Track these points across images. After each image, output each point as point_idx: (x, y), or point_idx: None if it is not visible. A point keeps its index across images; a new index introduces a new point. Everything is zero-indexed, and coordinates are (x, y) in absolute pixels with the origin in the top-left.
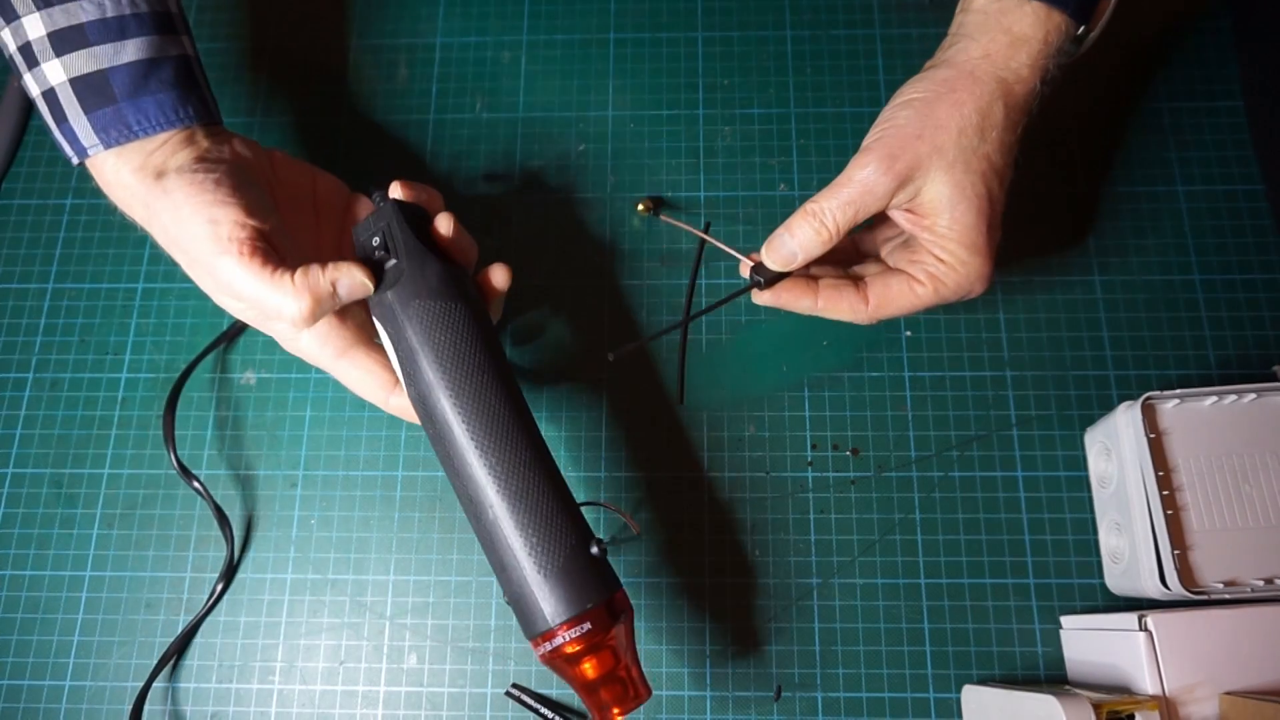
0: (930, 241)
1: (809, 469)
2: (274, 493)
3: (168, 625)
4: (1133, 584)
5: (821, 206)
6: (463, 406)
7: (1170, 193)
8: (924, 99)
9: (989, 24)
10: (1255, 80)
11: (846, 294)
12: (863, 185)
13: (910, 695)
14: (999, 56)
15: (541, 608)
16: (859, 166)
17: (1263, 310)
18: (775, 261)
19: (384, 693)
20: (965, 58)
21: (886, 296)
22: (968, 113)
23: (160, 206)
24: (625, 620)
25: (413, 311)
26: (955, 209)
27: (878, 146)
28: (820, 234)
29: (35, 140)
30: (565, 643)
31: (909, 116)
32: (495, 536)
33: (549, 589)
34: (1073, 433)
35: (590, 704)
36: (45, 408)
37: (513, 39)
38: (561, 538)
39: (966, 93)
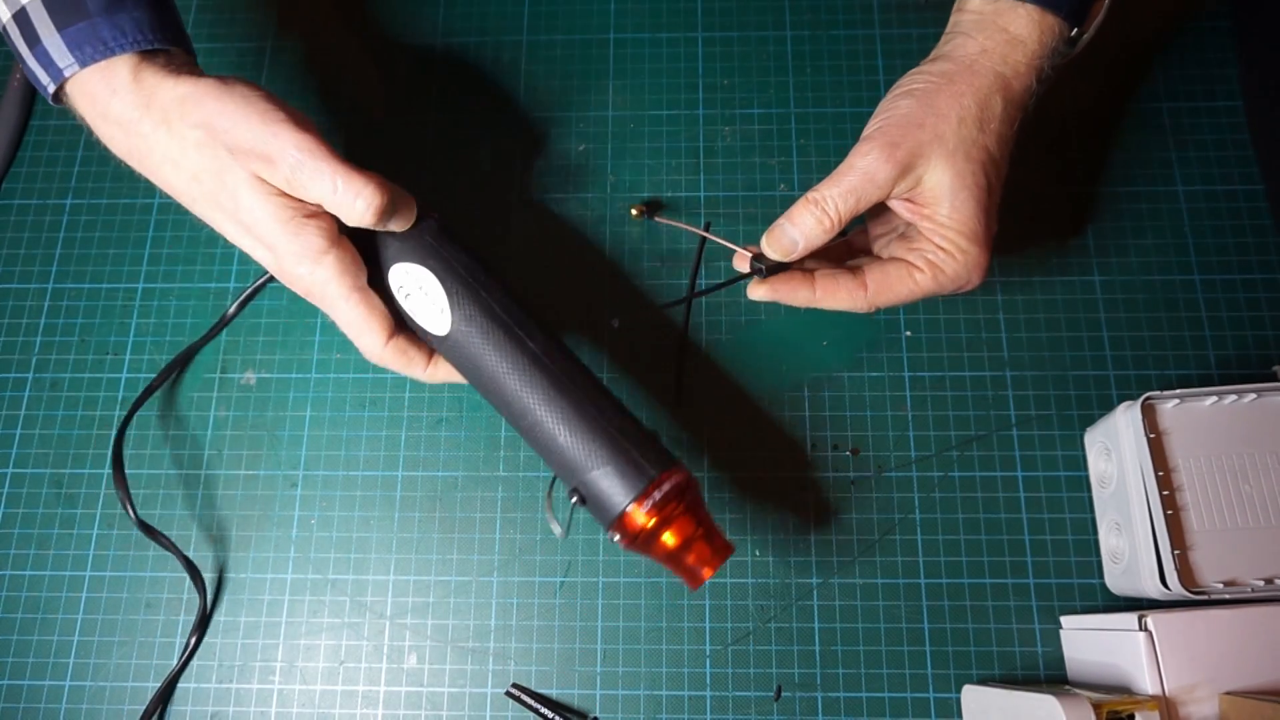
0: (930, 230)
1: (809, 469)
2: (274, 493)
3: (168, 625)
4: (1133, 584)
5: (823, 195)
6: (513, 318)
7: (1170, 193)
8: (924, 89)
9: (985, 24)
10: (1255, 80)
11: (844, 282)
12: (864, 173)
13: (910, 695)
14: (996, 53)
15: (610, 494)
16: (860, 154)
17: (1263, 310)
18: (776, 250)
19: (384, 693)
20: (964, 52)
21: (885, 283)
22: (967, 103)
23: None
24: (694, 487)
25: (448, 247)
26: (956, 197)
27: (879, 135)
28: (822, 222)
29: (35, 140)
30: (643, 519)
31: (910, 105)
32: (555, 435)
33: (617, 474)
34: (1073, 433)
35: (679, 571)
36: (45, 408)
37: (513, 39)
38: (616, 425)
39: (966, 84)
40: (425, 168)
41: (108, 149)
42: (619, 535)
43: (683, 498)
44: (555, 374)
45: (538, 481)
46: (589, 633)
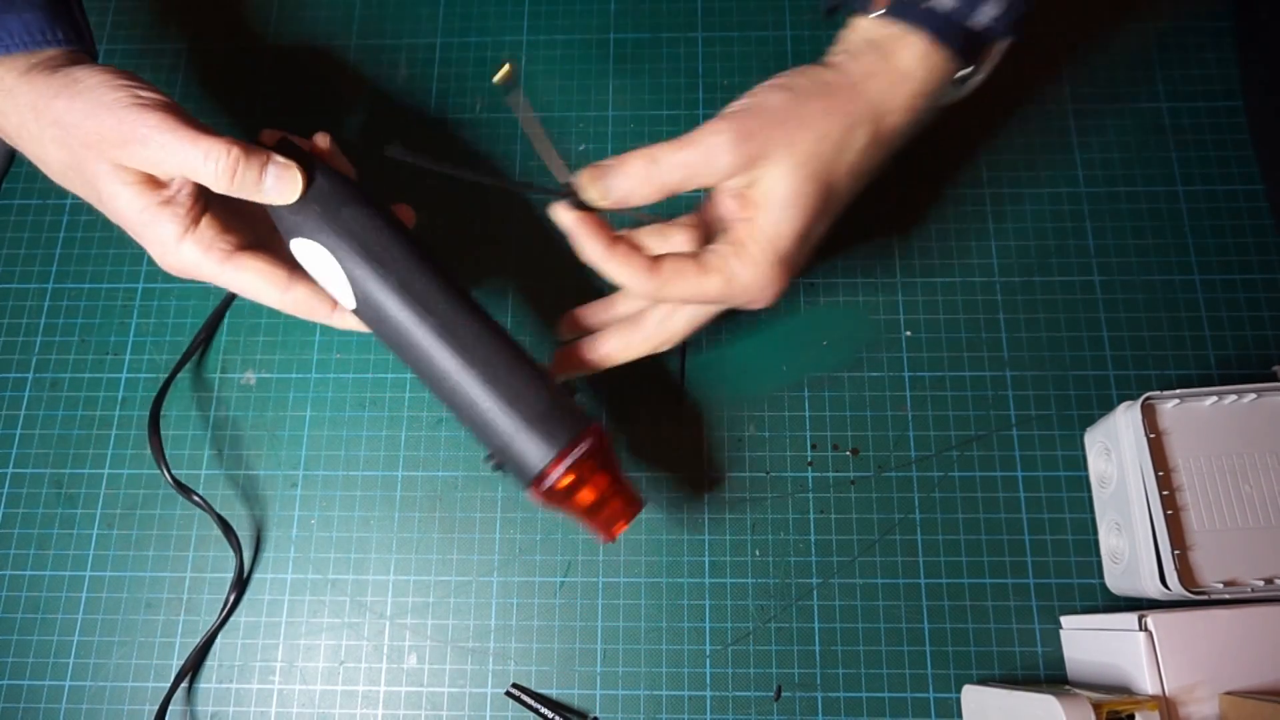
0: (744, 233)
1: (809, 469)
2: (274, 493)
3: (168, 625)
4: (1133, 584)
5: (660, 157)
6: (414, 294)
7: (1170, 193)
8: (799, 89)
9: (874, 52)
10: (1255, 80)
11: (636, 261)
12: (706, 153)
13: (910, 695)
14: (881, 81)
15: (530, 453)
16: (710, 132)
17: (1263, 310)
18: (593, 190)
19: (384, 693)
20: (850, 70)
21: (677, 275)
22: (835, 123)
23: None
24: (608, 445)
25: (346, 217)
26: (783, 212)
27: (735, 119)
28: (648, 183)
29: None
30: (560, 477)
31: (779, 101)
32: (470, 403)
33: (531, 434)
34: (1073, 433)
35: (594, 525)
36: (45, 408)
37: (513, 39)
38: (529, 387)
39: (841, 104)
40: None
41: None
42: (536, 494)
43: (597, 457)
44: (465, 343)
45: None
46: (589, 633)
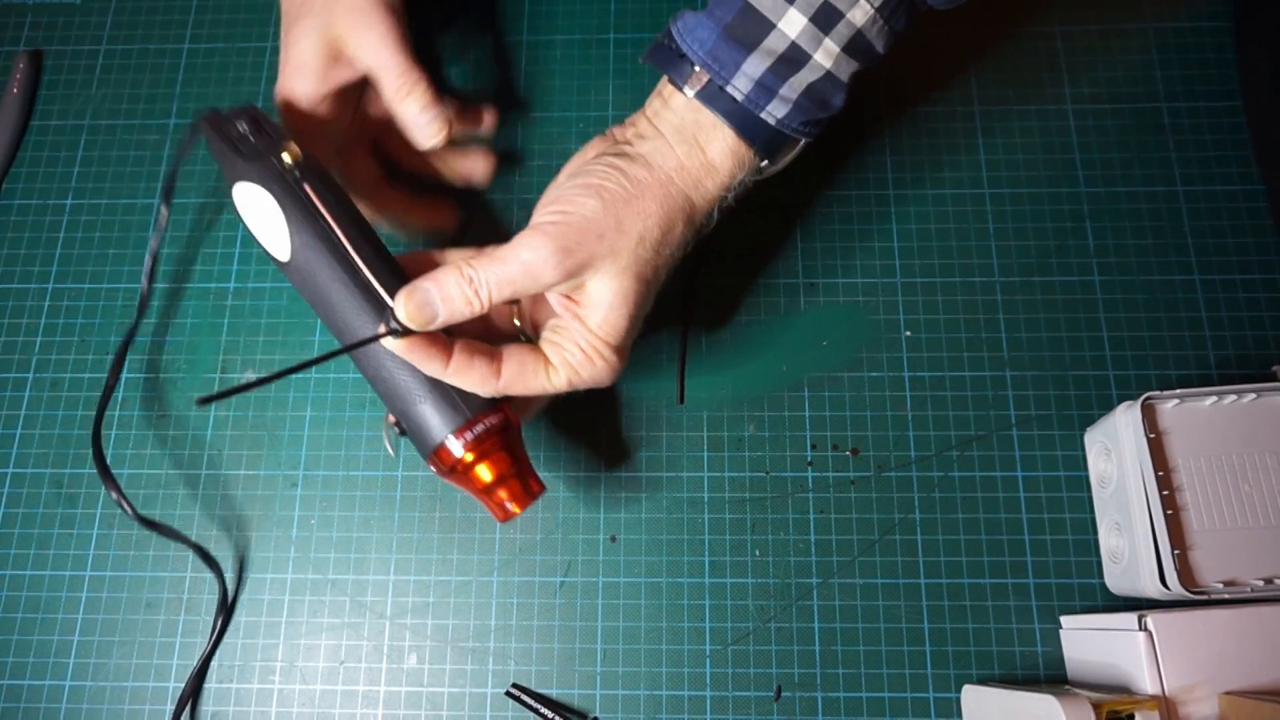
0: (578, 331)
1: (809, 469)
2: (274, 493)
3: (168, 625)
4: (1133, 584)
5: (479, 275)
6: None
7: (1170, 193)
8: (614, 194)
9: (685, 134)
10: (1255, 80)
11: (479, 364)
12: (528, 269)
13: (910, 695)
14: (692, 174)
15: (430, 426)
16: (530, 248)
17: (1263, 310)
18: (413, 316)
19: (384, 693)
20: (661, 163)
21: (521, 375)
22: (651, 225)
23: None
24: (512, 424)
25: (298, 174)
26: (613, 311)
27: (555, 234)
28: (470, 305)
29: (35, 140)
30: (460, 450)
31: (595, 210)
32: (382, 371)
33: (437, 405)
34: (1073, 433)
35: (490, 504)
36: (45, 408)
37: (513, 39)
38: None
39: (656, 203)
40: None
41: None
42: (435, 465)
43: (500, 436)
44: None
45: None
46: (589, 633)
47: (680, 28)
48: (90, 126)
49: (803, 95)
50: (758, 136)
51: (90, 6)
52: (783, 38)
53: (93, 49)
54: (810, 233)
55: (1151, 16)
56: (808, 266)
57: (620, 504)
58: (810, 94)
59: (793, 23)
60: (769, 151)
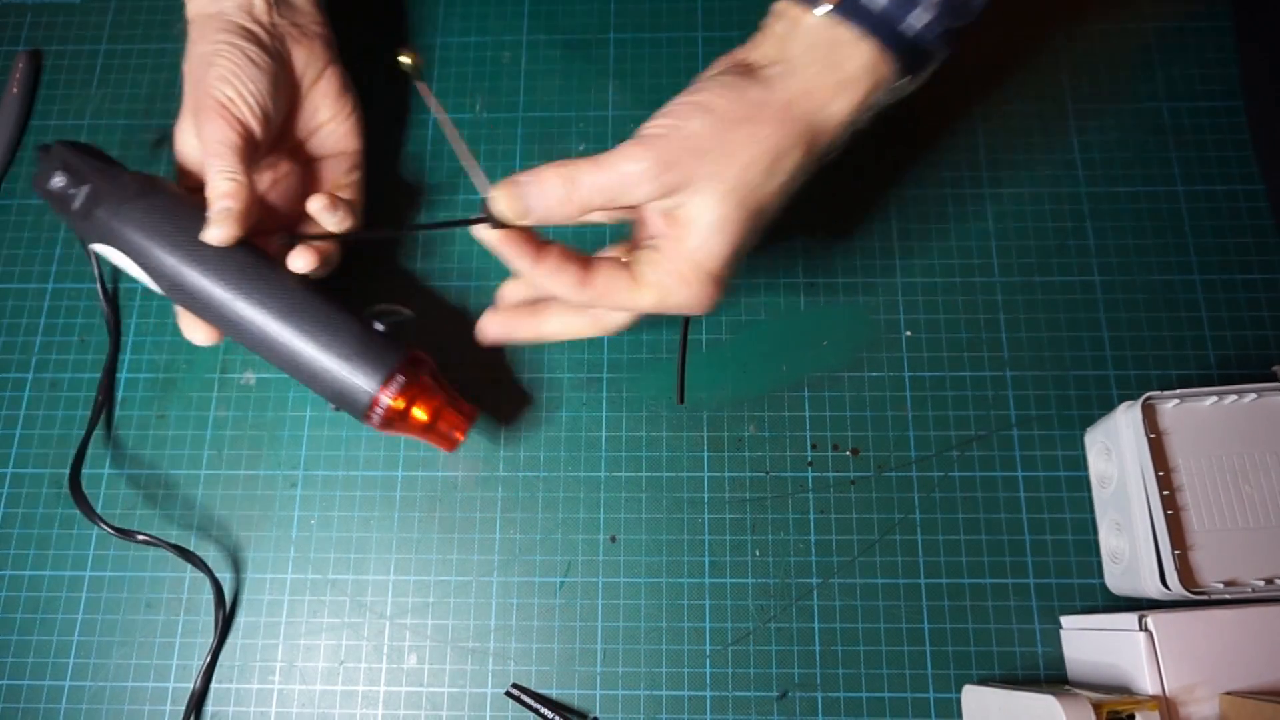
0: (673, 252)
1: (809, 469)
2: (274, 493)
3: (168, 625)
4: (1133, 584)
5: (576, 176)
6: (211, 270)
7: (1170, 193)
8: (725, 113)
9: (817, 54)
10: (1255, 80)
11: (571, 269)
12: (625, 179)
13: (910, 695)
14: (819, 97)
15: (358, 387)
16: (629, 159)
17: (1263, 310)
18: (507, 209)
19: (384, 693)
20: (784, 86)
21: (610, 287)
22: (762, 150)
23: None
24: (429, 367)
25: (125, 215)
26: (711, 237)
27: (656, 145)
28: (564, 206)
29: (35, 140)
30: (390, 402)
31: (702, 127)
32: (293, 354)
33: (355, 369)
34: (1073, 433)
35: (435, 440)
36: (45, 408)
37: (513, 39)
38: (344, 329)
39: (771, 128)
40: (425, 168)
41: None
42: (373, 422)
43: (421, 377)
44: (272, 304)
45: (538, 481)
46: (589, 633)
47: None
48: (90, 126)
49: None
50: (900, 47)
51: (90, 6)
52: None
53: (93, 49)
54: (811, 233)
55: (1151, 16)
56: (808, 266)
57: (620, 504)
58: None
59: None
60: (910, 67)
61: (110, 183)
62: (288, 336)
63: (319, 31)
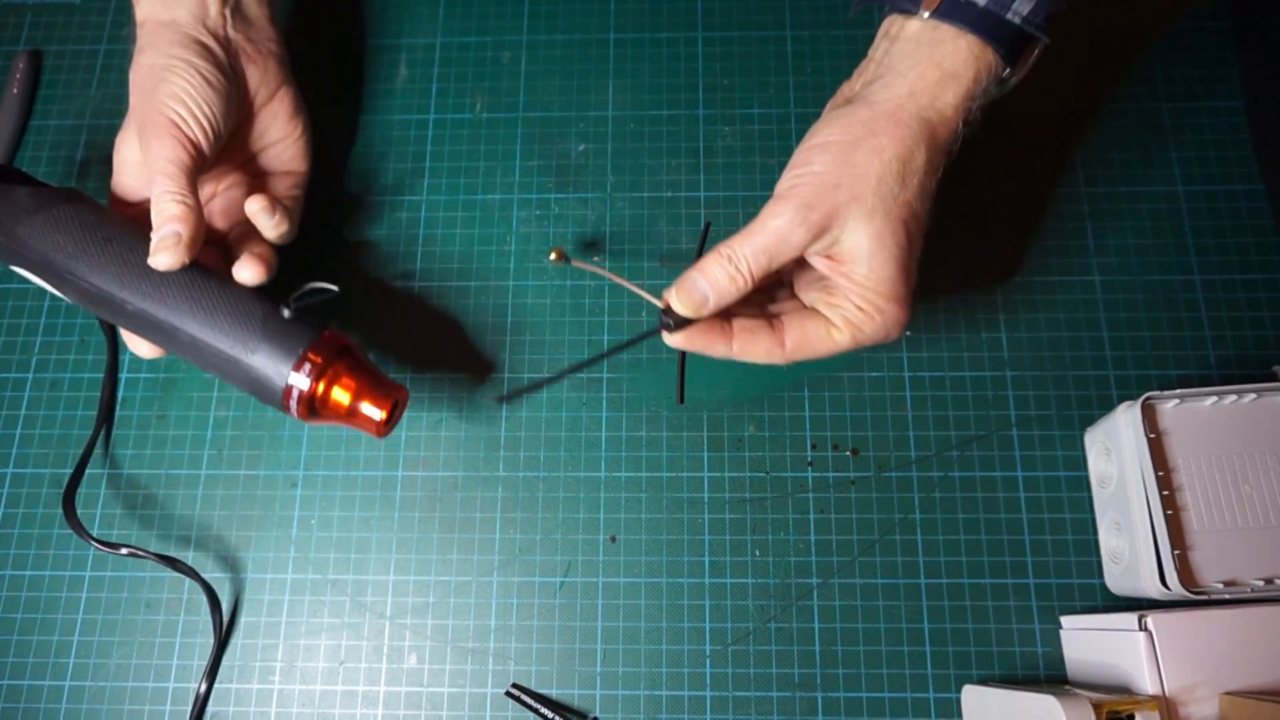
0: (849, 289)
1: (809, 469)
2: (274, 493)
3: (168, 625)
4: (1133, 584)
5: (736, 252)
6: (111, 274)
7: (1170, 193)
8: (842, 142)
9: (919, 56)
10: (1255, 80)
11: (762, 337)
12: (777, 234)
13: (910, 695)
14: (925, 95)
15: (270, 374)
16: (773, 215)
17: (1263, 310)
18: (686, 305)
19: (384, 693)
20: (888, 95)
21: (804, 340)
22: (888, 159)
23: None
24: (348, 347)
25: (23, 232)
26: (874, 259)
27: (792, 195)
28: (735, 281)
29: (34, 140)
30: (304, 386)
31: (826, 163)
32: (201, 348)
33: (266, 357)
34: (1073, 433)
35: (362, 425)
36: (45, 408)
37: (513, 39)
38: (251, 317)
39: (888, 137)
40: (425, 168)
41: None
42: (294, 410)
43: (338, 356)
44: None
45: (538, 482)
46: (589, 633)
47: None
48: (90, 126)
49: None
50: (1001, 37)
51: (90, 6)
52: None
53: (92, 49)
54: None
55: (1151, 16)
56: None
57: (620, 504)
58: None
59: None
60: (1012, 54)
61: (4, 203)
62: (193, 331)
63: (274, 50)
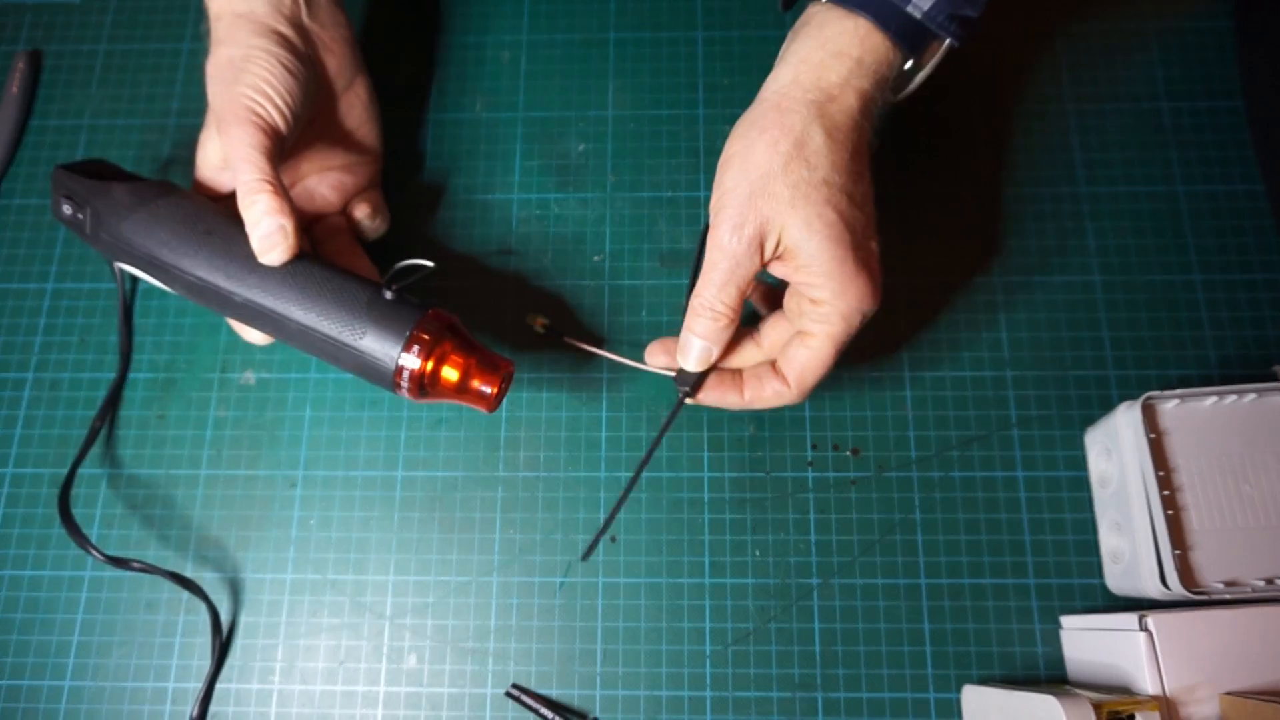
0: (803, 284)
1: (809, 469)
2: (274, 493)
3: (167, 625)
4: (1133, 584)
5: (705, 296)
6: (217, 267)
7: (1170, 193)
8: (740, 151)
9: (806, 39)
10: (1255, 80)
11: (768, 382)
12: (728, 258)
13: (910, 695)
14: (808, 76)
15: (380, 356)
16: (714, 245)
17: (1263, 310)
18: (692, 364)
19: (384, 693)
20: (774, 88)
21: (802, 370)
22: (784, 149)
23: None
24: (453, 324)
25: (127, 230)
26: (810, 244)
27: (721, 218)
28: (719, 322)
29: (34, 140)
30: (415, 366)
31: (734, 176)
32: (309, 335)
33: (375, 339)
34: (1073, 433)
35: (474, 400)
36: (45, 408)
37: (513, 39)
38: (355, 301)
39: (777, 128)
40: (425, 168)
41: None
42: (405, 391)
43: (445, 333)
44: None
45: (538, 482)
46: (589, 633)
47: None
48: (90, 126)
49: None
50: (896, 25)
51: (90, 6)
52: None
53: (92, 49)
54: None
55: (1151, 16)
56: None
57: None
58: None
59: None
60: (909, 45)
61: (104, 200)
62: (300, 319)
63: (347, 37)
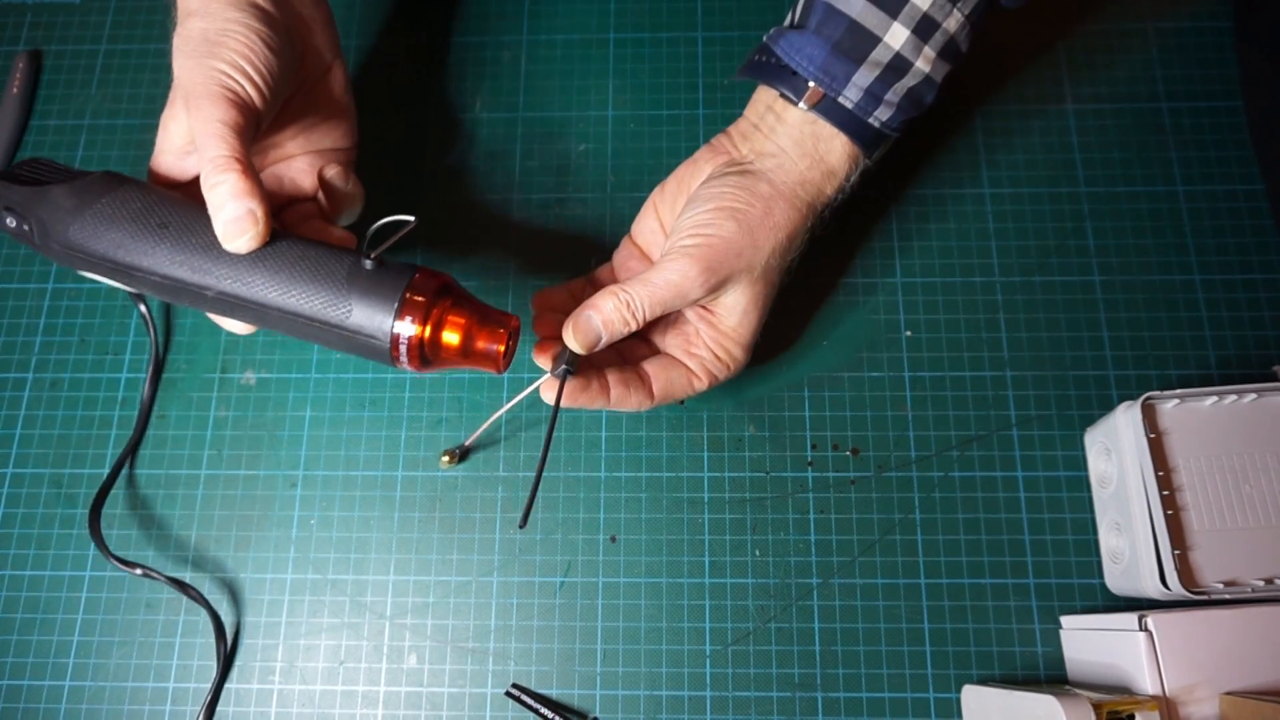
0: (711, 336)
1: (809, 469)
2: (274, 493)
3: (167, 625)
4: (1133, 584)
5: (633, 296)
6: (180, 262)
7: (1170, 193)
8: (748, 214)
9: (807, 147)
10: (1255, 80)
11: (635, 390)
12: (678, 289)
13: (910, 695)
14: (813, 185)
15: (372, 330)
16: (679, 272)
17: (1263, 310)
18: (580, 341)
19: (384, 693)
20: (784, 179)
21: (670, 389)
22: (782, 237)
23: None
24: (446, 283)
25: (75, 235)
26: (746, 315)
27: (699, 256)
28: (628, 322)
29: (35, 140)
30: (414, 332)
31: (734, 231)
32: (293, 321)
33: (363, 314)
34: (1073, 433)
35: (483, 362)
36: (45, 408)
37: (513, 39)
38: (335, 276)
39: (784, 217)
40: (425, 168)
41: None
42: (406, 362)
43: (442, 293)
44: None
45: None
46: (589, 633)
47: (785, 46)
48: (90, 126)
49: (904, 99)
50: (866, 139)
51: (90, 6)
52: (888, 49)
53: (92, 49)
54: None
55: (1151, 16)
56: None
57: (620, 504)
58: (910, 96)
59: (897, 35)
60: (869, 153)
61: (46, 206)
62: (280, 305)
63: (327, 17)
